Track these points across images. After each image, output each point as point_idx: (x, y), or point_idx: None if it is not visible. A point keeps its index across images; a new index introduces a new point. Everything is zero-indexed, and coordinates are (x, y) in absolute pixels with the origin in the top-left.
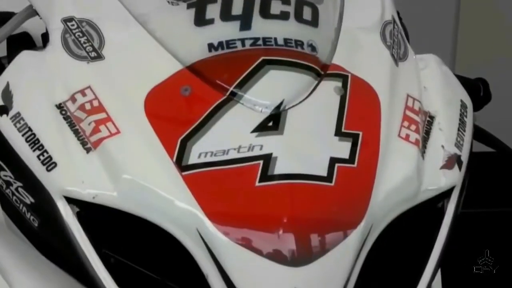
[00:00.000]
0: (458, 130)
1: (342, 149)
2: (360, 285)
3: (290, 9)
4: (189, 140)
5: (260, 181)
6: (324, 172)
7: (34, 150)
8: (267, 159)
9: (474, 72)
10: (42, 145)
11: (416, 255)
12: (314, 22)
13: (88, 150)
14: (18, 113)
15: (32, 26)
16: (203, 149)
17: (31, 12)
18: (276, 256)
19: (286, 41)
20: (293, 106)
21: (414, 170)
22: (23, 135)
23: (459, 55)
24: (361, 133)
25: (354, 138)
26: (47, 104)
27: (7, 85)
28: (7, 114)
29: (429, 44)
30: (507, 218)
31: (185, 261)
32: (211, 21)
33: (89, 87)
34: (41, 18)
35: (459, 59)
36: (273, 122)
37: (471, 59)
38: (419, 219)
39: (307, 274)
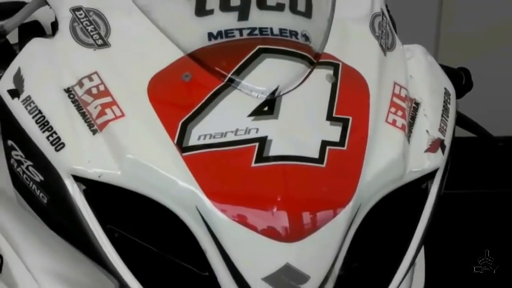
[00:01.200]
0: (442, 116)
1: (333, 132)
2: (349, 260)
3: (286, 0)
4: (189, 123)
5: (256, 162)
6: (316, 154)
7: (43, 132)
8: (263, 141)
9: (455, 62)
10: (51, 127)
11: (402, 233)
12: (308, 13)
13: (94, 132)
14: (29, 97)
15: (42, 15)
16: (202, 131)
17: (42, 1)
18: (270, 233)
19: (281, 31)
20: (287, 92)
21: (400, 153)
22: (33, 117)
23: (442, 46)
24: (351, 118)
25: (345, 123)
26: (56, 88)
27: (19, 70)
28: (19, 97)
29: (412, 35)
30: (487, 199)
31: (186, 237)
32: (211, 12)
33: (95, 72)
34: (50, 8)
35: (442, 50)
36: (268, 107)
37: (453, 50)
38: (404, 199)
39: (298, 250)
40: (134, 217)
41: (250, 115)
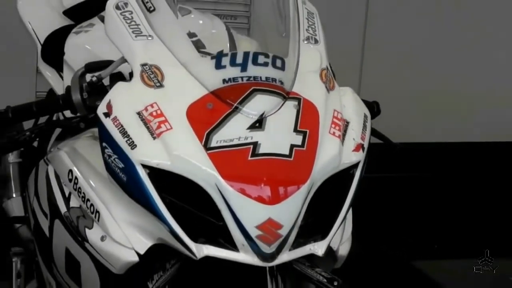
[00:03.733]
0: (362, 130)
1: (297, 139)
2: (306, 216)
3: (269, 60)
4: (211, 133)
5: (251, 156)
6: (287, 152)
7: (124, 137)
8: (255, 144)
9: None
10: (128, 135)
11: (338, 199)
12: (282, 68)
13: (154, 138)
14: (115, 117)
15: (123, 68)
16: (219, 138)
17: (123, 60)
18: (260, 199)
19: (267, 78)
20: (270, 115)
21: (337, 152)
22: (118, 129)
23: (363, 86)
24: (308, 131)
25: (304, 133)
26: (131, 112)
27: (109, 101)
28: (109, 117)
29: (341, 79)
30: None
31: (209, 202)
32: (224, 67)
33: (155, 103)
34: (128, 64)
35: (363, 89)
36: (258, 124)
37: (372, 88)
38: (340, 179)
39: (277, 209)
40: (178, 190)
41: (248, 128)
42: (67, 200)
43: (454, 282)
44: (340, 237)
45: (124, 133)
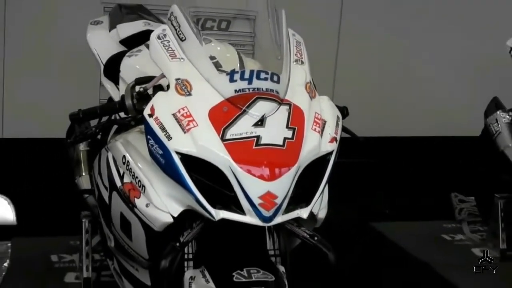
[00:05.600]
0: (336, 127)
1: (289, 133)
2: (295, 189)
3: (268, 76)
4: (226, 128)
5: (255, 146)
6: (281, 143)
7: (163, 132)
8: (258, 137)
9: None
10: (166, 130)
11: (318, 177)
12: (278, 81)
13: (184, 132)
14: (157, 117)
15: (163, 82)
16: (232, 132)
17: (162, 75)
18: (261, 177)
19: (267, 89)
20: (269, 116)
21: (317, 143)
22: (158, 126)
23: (336, 95)
24: (296, 127)
25: (293, 129)
26: (168, 113)
27: (152, 105)
28: (152, 117)
29: (320, 90)
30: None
31: (224, 179)
32: (236, 80)
33: (185, 106)
34: (166, 78)
35: (336, 96)
36: (260, 122)
37: (342, 97)
38: (319, 163)
39: (273, 184)
40: (202, 170)
41: (252, 125)
42: (121, 177)
43: (402, 237)
44: (319, 205)
45: (163, 128)
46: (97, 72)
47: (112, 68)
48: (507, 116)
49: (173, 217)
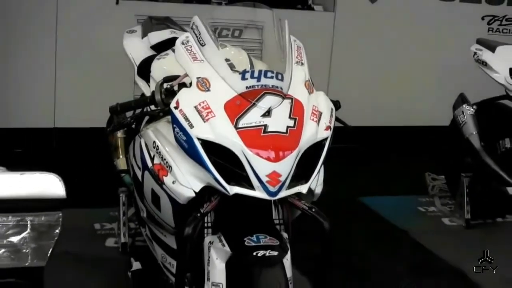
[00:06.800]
0: (330, 117)
1: (291, 122)
2: (296, 168)
3: (274, 75)
4: (239, 118)
5: (263, 133)
6: (284, 130)
7: (186, 121)
8: (265, 126)
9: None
10: (189, 120)
11: (315, 157)
12: (282, 79)
13: (204, 122)
14: (181, 109)
15: (186, 81)
16: (244, 121)
17: (186, 75)
18: (268, 159)
19: (273, 86)
20: (275, 108)
21: (315, 131)
22: (182, 117)
23: (330, 91)
24: (297, 118)
25: (295, 119)
26: (191, 106)
27: (178, 100)
28: (177, 109)
29: (317, 86)
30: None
31: (237, 161)
32: (247, 79)
33: (205, 100)
34: (189, 77)
35: (330, 92)
36: (267, 113)
37: (335, 92)
38: (316, 147)
39: (278, 165)
40: (219, 153)
41: (261, 116)
42: (152, 159)
43: (384, 209)
44: (316, 182)
45: (186, 118)
46: (131, 72)
47: (144, 69)
48: (471, 109)
49: (195, 192)
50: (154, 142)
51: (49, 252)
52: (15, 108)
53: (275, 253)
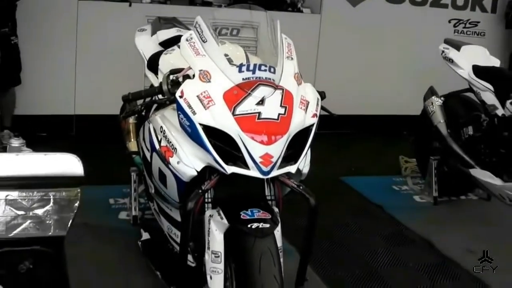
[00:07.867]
0: (316, 106)
1: (282, 110)
2: (286, 150)
3: (267, 68)
4: (236, 106)
5: (257, 119)
6: (276, 117)
7: (189, 109)
8: (259, 113)
9: (321, 88)
10: (192, 107)
11: (303, 140)
12: (274, 72)
13: (205, 109)
14: (185, 98)
15: (190, 73)
16: (240, 109)
17: (189, 68)
18: (261, 142)
19: (266, 78)
20: (268, 97)
21: (303, 118)
22: (186, 104)
23: (317, 82)
24: (287, 106)
25: (285, 108)
26: (193, 95)
27: (182, 90)
28: (182, 98)
29: (305, 78)
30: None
31: (234, 144)
32: (243, 71)
33: (206, 90)
34: (192, 70)
35: (317, 83)
36: (261, 102)
37: (322, 83)
38: (305, 132)
39: (270, 147)
40: (218, 136)
41: (255, 104)
42: (159, 142)
43: (363, 187)
44: (304, 163)
45: (190, 106)
46: (142, 66)
47: (153, 63)
48: (439, 100)
49: (197, 171)
50: (161, 127)
51: (69, 223)
52: (40, 98)
53: (267, 225)
